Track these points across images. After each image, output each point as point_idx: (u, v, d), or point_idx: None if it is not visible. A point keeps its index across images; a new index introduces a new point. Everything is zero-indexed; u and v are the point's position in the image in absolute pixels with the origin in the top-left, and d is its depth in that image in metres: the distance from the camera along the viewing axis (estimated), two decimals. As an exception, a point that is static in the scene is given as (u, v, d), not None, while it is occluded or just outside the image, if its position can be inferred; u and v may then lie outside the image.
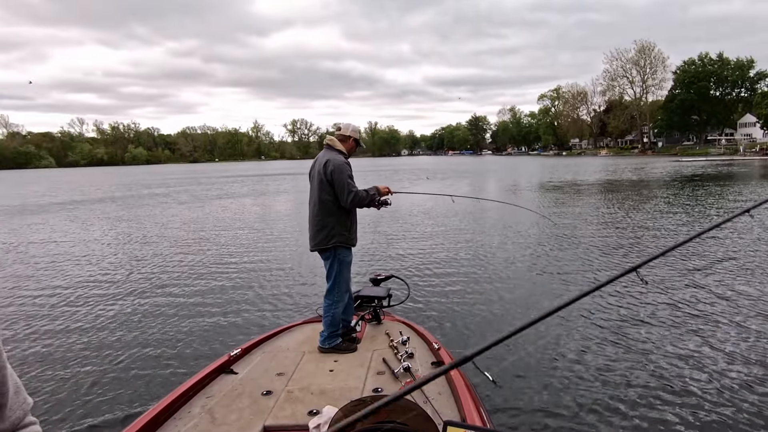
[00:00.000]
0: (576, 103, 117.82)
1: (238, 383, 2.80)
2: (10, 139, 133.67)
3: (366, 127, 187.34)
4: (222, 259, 9.33)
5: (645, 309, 5.72)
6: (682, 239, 1.77)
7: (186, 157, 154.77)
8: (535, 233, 11.38)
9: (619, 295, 6.16)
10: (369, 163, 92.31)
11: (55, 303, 6.74)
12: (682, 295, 6.21)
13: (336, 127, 3.86)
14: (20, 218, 17.81)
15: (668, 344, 4.75)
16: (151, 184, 39.83)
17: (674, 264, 7.72)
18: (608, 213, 14.76)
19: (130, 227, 14.66)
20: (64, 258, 9.96)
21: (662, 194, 20.09)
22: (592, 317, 5.50)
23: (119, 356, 4.76)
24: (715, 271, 7.38)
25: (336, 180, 3.49)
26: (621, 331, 5.11)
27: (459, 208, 16.56)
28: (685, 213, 14.03)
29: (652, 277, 6.88)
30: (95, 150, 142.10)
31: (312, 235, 3.64)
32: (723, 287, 6.51)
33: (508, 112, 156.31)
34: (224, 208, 19.45)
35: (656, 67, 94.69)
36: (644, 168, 41.85)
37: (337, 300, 3.56)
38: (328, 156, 3.58)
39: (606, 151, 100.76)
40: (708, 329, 5.05)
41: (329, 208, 3.55)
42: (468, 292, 6.72)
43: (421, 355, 3.10)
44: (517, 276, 7.64)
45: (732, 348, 4.57)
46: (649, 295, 6.18)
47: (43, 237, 13.02)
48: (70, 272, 8.62)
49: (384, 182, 3.94)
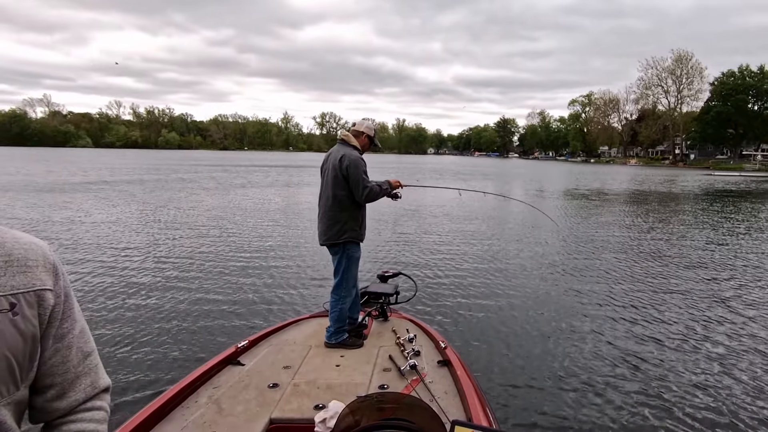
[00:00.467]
0: (607, 110, 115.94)
1: (245, 375, 2.83)
2: (51, 118, 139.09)
3: (393, 124, 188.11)
4: (234, 249, 9.34)
5: (658, 322, 5.69)
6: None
7: (216, 144, 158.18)
8: (547, 237, 11.46)
9: (632, 307, 6.24)
10: (394, 159, 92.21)
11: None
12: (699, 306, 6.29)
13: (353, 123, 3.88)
14: (49, 196, 17.92)
15: (681, 352, 4.80)
16: (179, 169, 40.34)
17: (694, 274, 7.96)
18: (631, 224, 14.37)
19: (148, 211, 14.67)
20: (73, 240, 9.90)
21: (689, 208, 19.52)
22: (604, 323, 5.60)
23: (126, 343, 4.80)
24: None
25: (351, 175, 3.49)
26: (631, 337, 5.18)
27: (470, 207, 16.81)
28: (713, 229, 13.36)
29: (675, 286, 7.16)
30: (130, 132, 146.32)
31: (323, 230, 3.63)
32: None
33: (537, 115, 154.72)
34: (245, 197, 19.52)
35: (693, 78, 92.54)
36: (674, 180, 40.64)
37: (344, 296, 3.57)
38: (344, 151, 3.57)
39: (635, 161, 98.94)
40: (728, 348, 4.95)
41: (343, 203, 3.55)
42: (475, 292, 6.79)
43: (427, 353, 3.12)
44: (526, 277, 7.72)
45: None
46: (666, 307, 6.25)
47: (63, 217, 13.03)
48: (77, 256, 8.51)
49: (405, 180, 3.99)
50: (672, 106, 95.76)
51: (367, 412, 1.79)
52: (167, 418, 2.32)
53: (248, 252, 9.15)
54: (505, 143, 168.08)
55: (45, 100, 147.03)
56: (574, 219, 15.41)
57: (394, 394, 2.01)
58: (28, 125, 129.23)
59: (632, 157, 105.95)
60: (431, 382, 2.68)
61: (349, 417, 1.79)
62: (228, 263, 8.20)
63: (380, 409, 1.81)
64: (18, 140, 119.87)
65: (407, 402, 1.86)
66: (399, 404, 1.85)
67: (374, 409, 1.80)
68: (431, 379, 2.73)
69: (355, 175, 3.49)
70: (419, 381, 2.67)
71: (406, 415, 1.77)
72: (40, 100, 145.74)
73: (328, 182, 3.61)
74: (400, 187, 3.83)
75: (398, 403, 1.86)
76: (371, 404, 1.82)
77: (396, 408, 1.82)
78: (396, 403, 1.85)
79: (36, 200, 16.68)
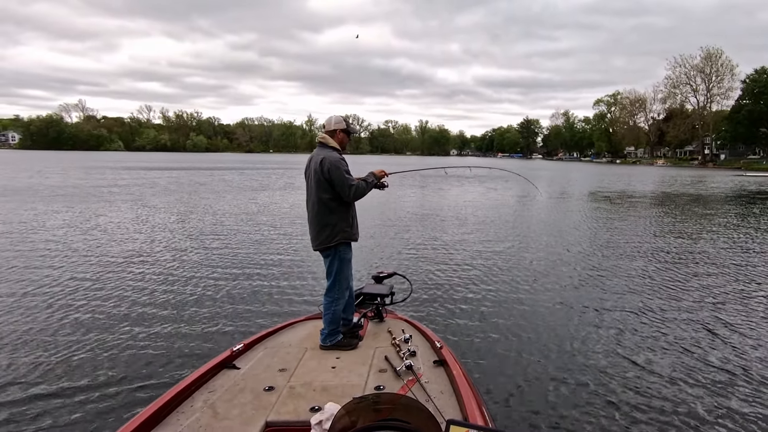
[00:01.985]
0: (634, 110, 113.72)
1: (240, 378, 2.83)
2: (86, 123, 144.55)
3: (416, 126, 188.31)
4: (228, 252, 9.31)
5: (658, 323, 5.69)
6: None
7: (242, 147, 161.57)
8: (545, 237, 11.48)
9: (632, 306, 6.25)
10: (416, 161, 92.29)
11: (55, 292, 6.65)
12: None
13: (322, 124, 3.77)
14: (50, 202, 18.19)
15: (675, 348, 4.85)
16: (197, 174, 40.79)
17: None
18: (649, 225, 13.89)
19: (151, 214, 14.64)
20: (67, 243, 9.89)
21: (719, 210, 18.50)
22: (599, 321, 5.66)
23: (120, 349, 4.77)
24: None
25: (335, 177, 3.47)
26: (632, 337, 5.20)
27: (465, 204, 16.98)
28: (746, 235, 12.42)
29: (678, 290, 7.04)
30: (160, 136, 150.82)
31: (314, 235, 3.61)
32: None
33: (561, 116, 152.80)
34: (249, 200, 19.43)
35: (723, 76, 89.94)
36: (704, 181, 39.40)
37: (337, 297, 3.57)
38: (323, 154, 3.54)
39: (663, 161, 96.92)
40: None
41: (329, 206, 3.53)
42: (471, 291, 6.81)
43: (423, 354, 3.13)
44: (521, 276, 7.72)
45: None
46: (664, 308, 6.24)
47: (56, 222, 12.86)
48: (71, 260, 8.52)
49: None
50: (701, 105, 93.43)
51: (363, 413, 1.81)
52: (162, 423, 2.32)
53: (243, 255, 9.14)
54: (528, 144, 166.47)
55: (80, 105, 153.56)
56: (592, 221, 15.40)
57: (390, 394, 2.03)
58: (64, 130, 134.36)
59: (659, 157, 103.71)
60: (427, 383, 2.71)
61: (345, 418, 1.81)
62: (223, 267, 8.19)
63: (376, 410, 1.83)
64: (54, 144, 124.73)
65: (403, 402, 1.88)
66: (395, 405, 1.86)
67: (370, 410, 1.83)
68: (427, 379, 2.76)
69: (338, 176, 3.47)
70: (415, 381, 2.71)
71: (402, 415, 1.78)
72: (75, 105, 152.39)
73: (312, 187, 3.58)
74: (385, 176, 3.82)
75: (394, 403, 1.87)
76: (367, 405, 1.85)
77: (392, 409, 1.83)
78: (392, 403, 1.87)
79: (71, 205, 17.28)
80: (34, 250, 9.27)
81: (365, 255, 8.99)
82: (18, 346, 4.84)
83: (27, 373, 4.26)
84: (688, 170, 68.15)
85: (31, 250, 9.34)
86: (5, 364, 4.45)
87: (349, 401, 1.93)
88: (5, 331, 5.25)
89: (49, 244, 9.84)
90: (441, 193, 23.90)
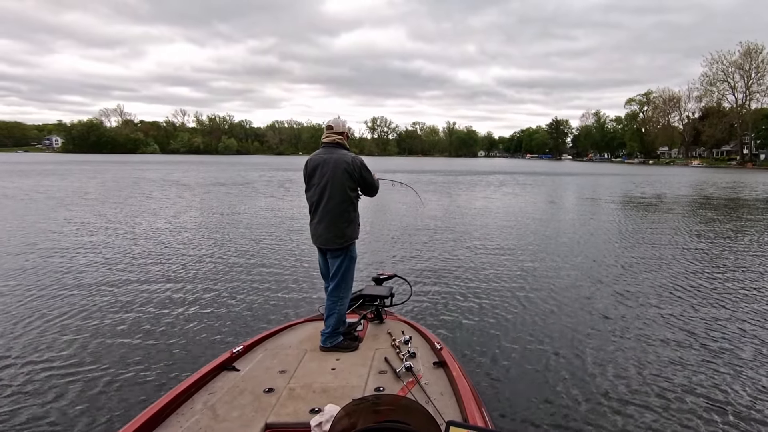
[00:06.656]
0: (667, 109, 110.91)
1: (240, 380, 2.83)
2: (124, 127, 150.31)
3: (443, 127, 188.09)
4: (228, 254, 9.29)
5: (652, 321, 5.65)
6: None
7: (272, 149, 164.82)
8: (543, 238, 11.38)
9: (633, 308, 6.17)
10: (444, 163, 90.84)
11: (55, 293, 6.64)
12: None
13: (327, 125, 3.70)
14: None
15: (677, 348, 4.80)
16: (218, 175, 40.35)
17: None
18: (675, 235, 12.19)
19: (158, 215, 14.64)
20: (71, 244, 10.01)
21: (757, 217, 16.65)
22: (600, 324, 5.62)
23: (120, 350, 4.77)
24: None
25: (366, 176, 3.59)
26: (631, 337, 5.18)
27: (465, 208, 16.92)
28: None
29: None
30: (193, 139, 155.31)
31: (334, 234, 3.56)
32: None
33: (592, 116, 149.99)
34: (251, 201, 19.29)
35: (764, 72, 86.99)
36: (742, 183, 36.95)
37: (342, 296, 3.58)
38: (349, 154, 3.60)
39: (698, 162, 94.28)
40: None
41: (354, 203, 3.61)
42: (471, 293, 6.80)
43: (423, 355, 3.14)
44: (521, 277, 7.69)
45: None
46: (662, 309, 6.14)
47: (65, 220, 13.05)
48: (71, 261, 8.53)
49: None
50: (740, 103, 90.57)
51: (363, 414, 1.82)
52: (162, 425, 2.32)
53: (242, 257, 9.11)
54: (557, 145, 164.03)
55: (118, 109, 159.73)
56: (599, 226, 14.92)
57: (390, 396, 2.04)
58: (104, 134, 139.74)
59: (695, 157, 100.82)
60: (427, 384, 2.72)
61: (345, 420, 1.82)
62: (222, 268, 8.17)
63: (376, 411, 1.84)
64: (94, 148, 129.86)
65: (403, 404, 1.89)
66: (395, 406, 1.87)
67: (370, 411, 1.84)
68: (427, 381, 2.77)
69: (369, 176, 3.62)
70: (415, 383, 2.72)
71: (402, 417, 1.80)
72: (114, 110, 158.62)
73: (335, 185, 3.52)
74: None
75: (394, 405, 1.88)
76: (367, 407, 1.85)
77: (392, 410, 1.84)
78: (392, 405, 1.88)
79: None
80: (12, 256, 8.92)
81: (365, 256, 8.95)
82: (14, 347, 4.84)
83: (25, 375, 4.27)
84: (726, 171, 65.69)
85: (6, 254, 9.15)
86: (6, 365, 4.51)
87: (348, 403, 1.95)
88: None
89: (49, 244, 10.08)
90: (445, 197, 23.28)
